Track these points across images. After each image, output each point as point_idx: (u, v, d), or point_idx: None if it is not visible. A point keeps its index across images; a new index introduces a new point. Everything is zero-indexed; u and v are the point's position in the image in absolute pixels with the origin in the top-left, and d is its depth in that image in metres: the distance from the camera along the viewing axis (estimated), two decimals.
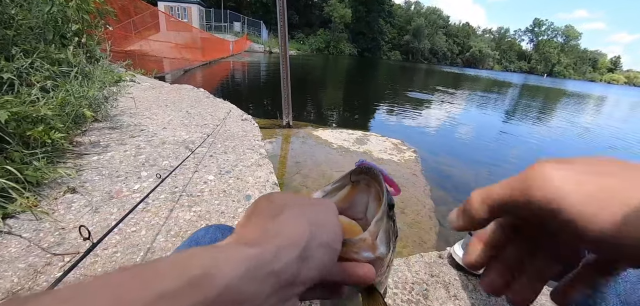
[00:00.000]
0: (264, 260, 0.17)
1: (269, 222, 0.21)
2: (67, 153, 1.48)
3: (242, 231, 0.21)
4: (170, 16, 12.69)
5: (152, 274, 0.14)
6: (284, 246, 0.19)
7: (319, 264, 0.21)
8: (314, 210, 0.24)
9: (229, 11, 28.23)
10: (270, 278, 0.17)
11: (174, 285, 0.14)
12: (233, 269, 0.16)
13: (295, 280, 0.19)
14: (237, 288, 0.16)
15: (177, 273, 0.15)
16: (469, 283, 0.99)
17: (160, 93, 3.15)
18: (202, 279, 0.15)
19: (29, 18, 1.76)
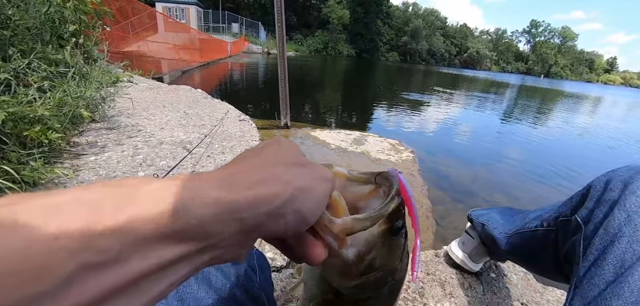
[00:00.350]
0: (234, 207, 0.18)
1: (258, 170, 0.22)
2: (64, 154, 1.48)
3: (231, 168, 0.22)
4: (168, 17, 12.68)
5: (129, 197, 0.15)
6: (257, 200, 0.19)
7: (284, 225, 0.21)
8: (308, 174, 0.24)
9: (227, 12, 28.22)
10: (236, 223, 0.18)
11: (147, 212, 0.15)
12: (205, 209, 0.17)
13: (258, 229, 0.20)
14: (204, 226, 0.17)
15: (153, 201, 0.15)
16: (465, 281, 1.00)
17: (158, 94, 3.15)
18: (174, 212, 0.16)
19: (26, 18, 1.76)
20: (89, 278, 0.13)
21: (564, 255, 0.58)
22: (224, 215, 0.18)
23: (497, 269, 1.08)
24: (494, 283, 1.02)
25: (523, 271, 1.10)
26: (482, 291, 0.98)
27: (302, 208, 0.22)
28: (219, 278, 0.42)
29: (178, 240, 0.16)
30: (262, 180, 0.20)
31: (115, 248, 0.14)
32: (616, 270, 0.43)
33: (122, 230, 0.14)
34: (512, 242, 0.78)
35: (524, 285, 1.05)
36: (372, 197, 0.33)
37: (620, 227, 0.45)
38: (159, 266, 0.15)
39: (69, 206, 0.14)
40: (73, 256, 0.13)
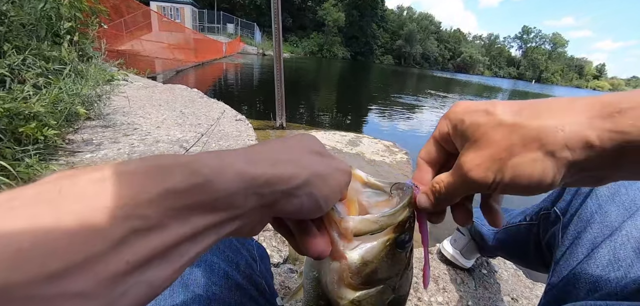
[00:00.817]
0: (255, 182, 0.20)
1: (280, 152, 0.23)
2: (60, 151, 1.48)
3: (256, 147, 0.23)
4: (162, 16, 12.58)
5: (164, 171, 0.17)
6: (275, 177, 0.21)
7: (299, 205, 0.22)
8: (326, 163, 0.25)
9: (223, 12, 28.12)
10: (256, 197, 0.20)
11: (180, 184, 0.16)
12: (231, 182, 0.19)
13: (274, 206, 0.21)
14: (230, 198, 0.19)
15: (186, 174, 0.17)
16: (457, 277, 1.02)
17: (154, 92, 3.13)
18: (204, 185, 0.17)
19: (22, 15, 1.75)
20: (137, 240, 0.15)
21: (546, 245, 0.63)
22: (247, 189, 0.19)
23: (489, 265, 1.11)
24: (486, 279, 1.05)
25: (513, 267, 1.14)
26: (474, 286, 1.01)
27: (317, 193, 0.23)
28: (221, 265, 0.44)
29: (208, 210, 0.18)
30: (283, 161, 0.22)
31: (157, 216, 0.15)
32: (588, 250, 0.47)
33: (163, 201, 0.16)
34: (498, 238, 0.82)
35: (514, 280, 1.08)
36: (385, 205, 0.32)
37: (592, 213, 0.50)
38: (192, 234, 0.17)
39: (114, 179, 0.15)
40: (124, 222, 0.14)
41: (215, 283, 0.41)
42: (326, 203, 0.24)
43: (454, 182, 0.27)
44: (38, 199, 0.14)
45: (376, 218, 0.28)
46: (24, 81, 1.57)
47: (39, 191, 0.14)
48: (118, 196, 0.15)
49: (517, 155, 0.22)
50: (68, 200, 0.14)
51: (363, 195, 0.32)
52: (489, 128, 0.24)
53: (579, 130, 0.21)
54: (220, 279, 0.42)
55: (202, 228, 0.18)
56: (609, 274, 0.41)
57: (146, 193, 0.15)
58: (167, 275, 0.17)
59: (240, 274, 0.45)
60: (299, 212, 0.23)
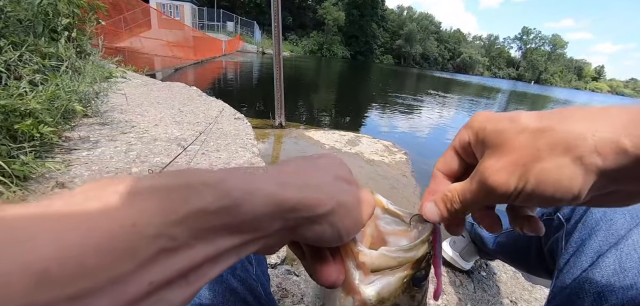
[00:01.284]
0: (283, 206, 0.19)
1: (307, 174, 0.23)
2: (56, 148, 1.46)
3: (284, 167, 0.23)
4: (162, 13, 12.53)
5: (195, 191, 0.16)
6: (301, 203, 0.20)
7: (321, 233, 0.22)
8: (352, 192, 0.24)
9: (222, 10, 28.04)
10: (281, 221, 0.20)
11: (210, 205, 0.16)
12: (260, 206, 0.18)
13: (296, 230, 0.21)
14: (257, 221, 0.18)
15: (216, 195, 0.17)
16: (456, 279, 1.02)
17: (152, 90, 3.12)
18: (233, 207, 0.17)
19: (18, 10, 1.73)
20: (164, 260, 0.15)
21: (548, 251, 0.62)
22: (274, 213, 0.19)
23: (487, 268, 1.10)
24: (485, 281, 1.04)
25: (512, 270, 1.13)
26: (473, 288, 1.00)
27: (339, 223, 0.23)
28: None
29: (234, 232, 0.18)
30: (310, 185, 0.22)
31: (185, 236, 0.15)
32: (592, 259, 0.46)
33: (191, 221, 0.15)
34: (499, 241, 0.81)
35: (513, 283, 1.07)
36: (403, 236, 0.31)
37: (598, 221, 0.49)
38: (216, 255, 0.17)
39: (144, 195, 0.15)
40: (152, 242, 0.14)
41: (209, 288, 0.40)
42: (348, 234, 0.24)
43: (470, 189, 0.25)
44: (65, 214, 0.13)
45: (395, 255, 0.26)
46: (20, 77, 1.56)
47: (65, 204, 0.14)
48: (147, 213, 0.14)
49: (542, 160, 0.21)
50: (96, 216, 0.13)
51: (381, 221, 0.32)
52: (513, 133, 0.23)
53: (611, 136, 0.19)
54: (214, 283, 0.41)
55: (224, 250, 0.17)
56: (615, 284, 0.40)
57: (175, 212, 0.15)
58: (186, 297, 0.16)
59: (235, 278, 0.44)
60: (319, 240, 0.23)
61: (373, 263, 0.26)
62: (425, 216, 0.29)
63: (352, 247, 0.26)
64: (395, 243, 0.30)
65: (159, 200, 0.15)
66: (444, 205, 0.28)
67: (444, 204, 0.28)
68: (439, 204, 0.28)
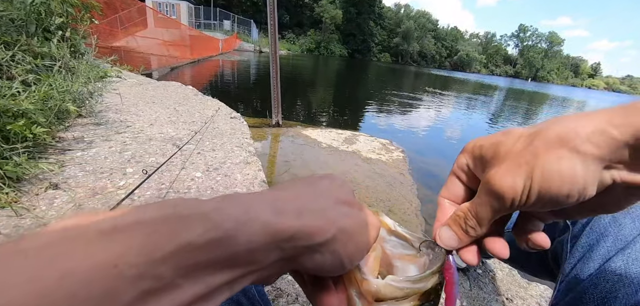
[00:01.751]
0: (279, 236, 0.18)
1: (306, 199, 0.21)
2: (50, 149, 1.45)
3: (281, 193, 0.21)
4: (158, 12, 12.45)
5: (182, 224, 0.15)
6: (299, 231, 0.19)
7: (321, 262, 0.21)
8: (354, 216, 0.23)
9: (219, 9, 27.92)
10: (277, 251, 0.18)
11: (200, 239, 0.15)
12: (254, 236, 0.17)
13: (295, 260, 0.20)
14: (251, 254, 0.17)
15: (206, 228, 0.16)
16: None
17: (147, 90, 3.10)
18: (224, 239, 0.16)
19: (11, 9, 1.71)
20: (148, 303, 0.13)
21: (551, 254, 0.60)
22: (270, 244, 0.18)
23: (484, 266, 1.10)
24: (480, 279, 1.04)
25: (508, 267, 1.13)
26: (469, 286, 1.00)
27: (341, 251, 0.21)
28: None
29: (226, 267, 0.16)
30: (309, 211, 0.20)
31: (171, 275, 0.14)
32: (600, 264, 0.45)
33: (177, 258, 0.14)
34: None
35: (509, 280, 1.08)
36: (411, 262, 0.29)
37: (606, 226, 0.48)
38: (207, 292, 0.16)
39: (127, 231, 0.14)
40: (134, 283, 0.13)
41: None
42: (350, 262, 0.22)
43: (480, 202, 0.25)
44: (40, 254, 0.12)
45: (402, 285, 0.25)
46: (12, 77, 1.54)
47: (41, 244, 0.12)
48: (130, 252, 0.13)
49: (542, 156, 0.22)
50: (73, 256, 0.12)
51: (388, 244, 0.30)
52: (509, 143, 0.24)
53: (599, 127, 0.20)
54: None
55: (216, 286, 0.16)
56: (619, 290, 0.40)
57: (160, 249, 0.14)
58: None
59: None
60: (320, 270, 0.21)
61: (378, 292, 0.24)
62: (443, 243, 0.28)
63: (355, 275, 0.24)
64: (403, 269, 0.28)
65: (144, 236, 0.14)
66: (458, 227, 0.27)
67: (459, 226, 0.27)
68: (454, 227, 0.27)
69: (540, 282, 1.10)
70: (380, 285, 0.24)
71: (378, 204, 1.73)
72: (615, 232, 0.46)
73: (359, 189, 1.87)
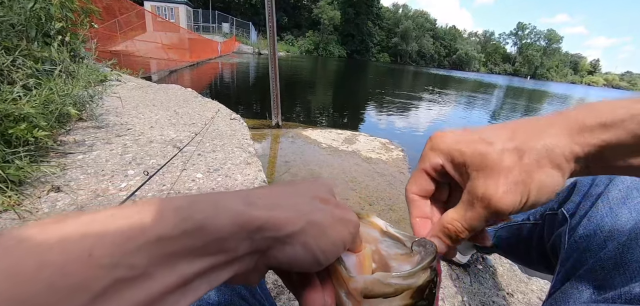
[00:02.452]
0: (249, 225, 0.19)
1: (281, 196, 0.22)
2: (51, 152, 1.46)
3: (258, 190, 0.22)
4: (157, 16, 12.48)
5: (155, 217, 0.16)
6: (268, 222, 0.19)
7: (293, 256, 0.21)
8: (328, 211, 0.23)
9: (218, 12, 27.97)
10: (247, 242, 0.19)
11: (171, 230, 0.16)
12: (224, 225, 0.18)
13: (267, 254, 0.20)
14: (222, 242, 0.18)
15: (178, 219, 0.16)
16: (453, 273, 1.02)
17: (147, 93, 3.11)
18: (197, 230, 0.17)
19: (11, 15, 1.72)
20: (122, 292, 0.14)
21: (550, 246, 0.61)
22: (240, 233, 0.18)
23: (484, 261, 1.11)
24: (481, 274, 1.05)
25: (508, 262, 1.14)
26: (470, 282, 1.00)
27: (313, 244, 0.21)
28: None
29: (198, 255, 0.17)
30: (281, 205, 0.21)
31: (144, 263, 0.14)
32: (596, 253, 0.46)
33: (150, 247, 0.15)
34: (499, 235, 0.81)
35: (509, 275, 1.08)
36: (406, 261, 0.28)
37: (603, 217, 0.48)
38: (181, 282, 0.16)
39: (102, 223, 0.14)
40: (108, 272, 0.13)
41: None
42: (325, 256, 0.22)
43: (477, 216, 0.26)
44: (18, 247, 0.13)
45: (390, 279, 0.24)
46: (13, 82, 1.55)
47: (19, 238, 0.13)
48: (105, 241, 0.14)
49: (535, 174, 0.25)
50: (50, 248, 0.13)
51: (382, 244, 0.29)
52: (495, 155, 0.26)
53: (568, 147, 0.25)
54: None
55: (191, 276, 0.17)
56: (615, 278, 0.40)
57: (133, 239, 0.14)
58: None
59: None
60: (294, 263, 0.21)
61: (366, 288, 0.23)
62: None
63: (341, 273, 0.24)
64: (398, 269, 0.28)
65: (117, 228, 0.14)
66: (448, 239, 0.29)
67: (449, 238, 0.29)
68: (444, 239, 0.29)
69: (541, 277, 1.10)
70: (368, 281, 0.23)
71: (378, 203, 1.74)
72: (612, 222, 0.47)
73: (360, 189, 1.88)
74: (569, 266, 0.49)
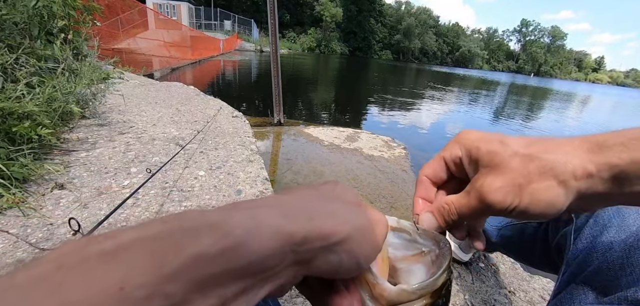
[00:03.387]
0: (292, 239, 0.18)
1: (314, 202, 0.21)
2: (55, 150, 1.47)
3: (287, 197, 0.21)
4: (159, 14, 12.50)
5: (190, 235, 0.14)
6: (313, 233, 0.19)
7: (338, 264, 0.20)
8: (365, 215, 0.23)
9: (219, 9, 27.94)
10: (292, 255, 0.18)
11: (209, 249, 0.14)
12: (267, 241, 0.16)
13: (310, 263, 0.19)
14: (266, 260, 0.16)
15: (215, 237, 0.15)
16: (455, 270, 1.02)
17: (150, 90, 3.12)
18: (237, 247, 0.15)
19: (14, 13, 1.72)
20: None
21: (555, 246, 0.61)
22: (284, 247, 0.17)
23: (486, 259, 1.11)
24: (483, 273, 1.05)
25: (511, 261, 1.14)
26: (472, 280, 1.00)
27: (357, 250, 0.21)
28: None
29: (240, 277, 0.16)
30: (319, 214, 0.20)
31: (181, 291, 0.13)
32: (602, 254, 0.45)
33: (188, 272, 0.13)
34: (502, 234, 0.81)
35: (511, 273, 1.08)
36: (417, 261, 0.29)
37: (610, 217, 0.48)
38: (220, 304, 0.15)
39: (130, 250, 0.13)
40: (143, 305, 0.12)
41: None
42: (366, 261, 0.22)
43: (468, 204, 0.28)
44: (36, 287, 0.11)
45: (416, 289, 0.25)
46: (17, 80, 1.56)
47: (37, 276, 0.12)
48: (135, 271, 0.12)
49: (534, 182, 0.25)
50: (74, 285, 0.11)
51: (390, 247, 0.30)
52: (506, 156, 0.26)
53: (581, 164, 0.25)
54: None
55: (231, 298, 0.15)
56: (621, 279, 0.40)
57: (168, 264, 0.13)
58: None
59: None
60: (337, 271, 0.21)
61: (390, 297, 0.24)
62: (423, 225, 0.31)
63: (367, 277, 0.24)
64: (408, 270, 0.29)
65: (149, 253, 0.13)
66: (441, 218, 0.30)
67: (442, 216, 0.30)
68: (437, 217, 0.30)
69: (543, 275, 1.10)
70: (394, 292, 0.24)
71: (380, 201, 1.73)
72: (619, 222, 0.47)
73: (362, 186, 1.88)
74: (574, 266, 0.48)
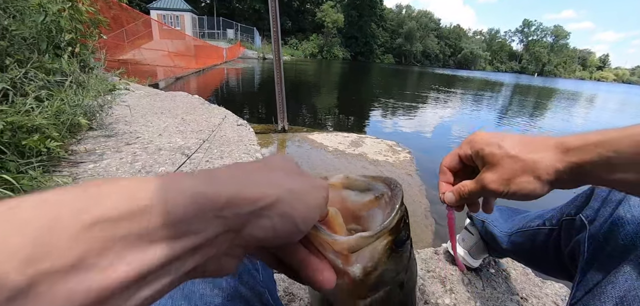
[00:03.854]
0: (215, 204, 0.17)
1: (248, 172, 0.21)
2: (63, 162, 1.48)
3: (217, 170, 0.20)
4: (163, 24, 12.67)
5: (95, 197, 0.14)
6: (239, 197, 0.18)
7: (272, 230, 0.20)
8: (301, 180, 0.23)
9: (222, 18, 28.29)
10: (218, 221, 0.17)
11: (113, 212, 0.14)
12: (181, 204, 0.16)
13: (242, 232, 0.19)
14: (182, 225, 0.16)
15: (121, 198, 0.14)
16: (464, 277, 1.01)
17: (155, 100, 3.15)
18: (145, 210, 0.14)
19: (23, 28, 1.76)
20: (52, 287, 0.12)
21: (568, 253, 0.59)
22: (205, 212, 0.17)
23: (496, 265, 1.09)
24: (493, 279, 1.03)
25: (521, 266, 1.12)
26: (482, 286, 0.99)
27: (292, 212, 0.21)
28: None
29: (155, 240, 0.15)
30: (251, 181, 0.20)
31: (79, 251, 0.12)
32: (618, 262, 0.44)
33: (88, 232, 0.13)
34: (513, 241, 0.79)
35: (523, 279, 1.06)
36: (373, 206, 0.32)
37: (625, 224, 0.47)
38: (137, 275, 0.14)
39: (24, 210, 0.12)
40: (27, 265, 0.11)
41: (218, 295, 0.40)
42: (304, 223, 0.22)
43: (475, 189, 0.43)
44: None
45: (372, 233, 0.27)
46: (26, 94, 1.58)
47: None
48: (21, 230, 0.12)
49: (518, 177, 0.38)
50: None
51: (348, 201, 0.33)
52: (500, 158, 0.40)
53: (551, 163, 0.37)
54: (222, 290, 0.41)
55: (148, 267, 0.14)
56: (638, 288, 0.39)
57: (62, 223, 0.12)
58: None
59: (243, 284, 0.44)
60: (273, 237, 0.20)
61: (350, 246, 0.26)
62: (447, 201, 0.47)
63: (325, 238, 0.25)
64: (371, 216, 0.32)
65: (45, 213, 0.12)
66: (459, 195, 0.46)
67: (459, 194, 0.46)
68: (456, 194, 0.46)
69: (556, 281, 1.08)
70: (352, 241, 0.26)
71: None
72: (634, 230, 0.45)
73: None
74: (590, 276, 0.47)
